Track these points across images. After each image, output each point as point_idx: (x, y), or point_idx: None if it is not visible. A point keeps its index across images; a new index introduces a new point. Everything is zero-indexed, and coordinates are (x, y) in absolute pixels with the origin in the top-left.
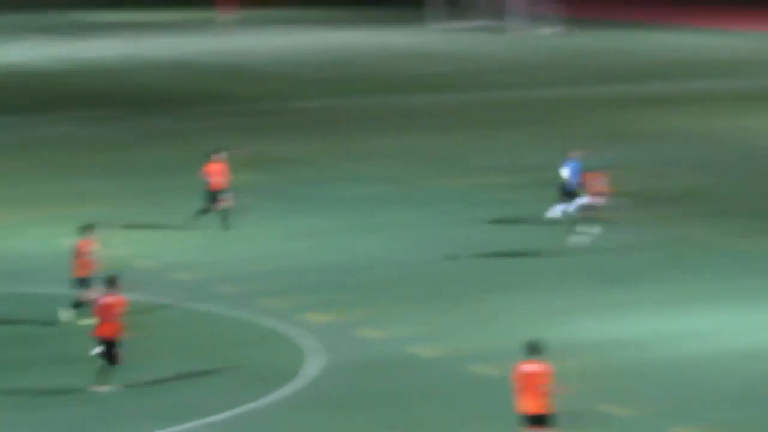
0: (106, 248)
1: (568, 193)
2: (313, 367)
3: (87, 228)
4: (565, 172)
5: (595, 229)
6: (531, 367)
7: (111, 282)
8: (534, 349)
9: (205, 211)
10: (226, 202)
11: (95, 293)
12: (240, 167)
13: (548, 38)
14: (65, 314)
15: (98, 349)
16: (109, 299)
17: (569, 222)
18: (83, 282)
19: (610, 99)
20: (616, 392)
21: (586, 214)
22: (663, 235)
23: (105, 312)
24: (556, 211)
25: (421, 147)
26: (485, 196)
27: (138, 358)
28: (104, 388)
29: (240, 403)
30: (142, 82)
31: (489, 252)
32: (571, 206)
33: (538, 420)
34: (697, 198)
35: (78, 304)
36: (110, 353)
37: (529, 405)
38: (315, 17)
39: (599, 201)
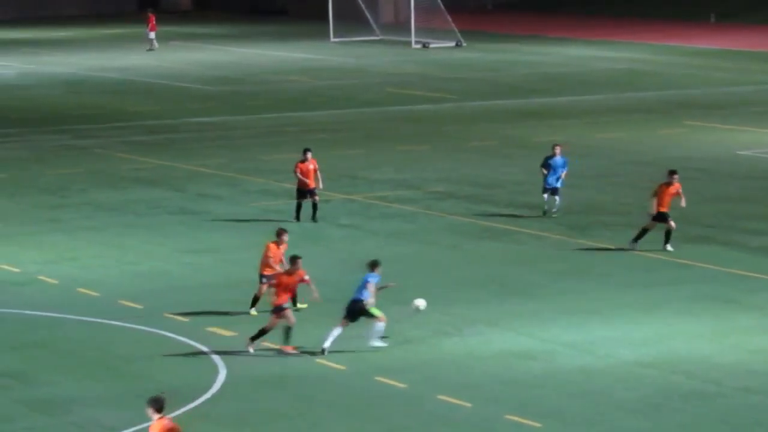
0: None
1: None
2: (218, 382)
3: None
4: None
5: None
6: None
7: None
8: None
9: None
10: (315, 198)
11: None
12: (138, 182)
13: (446, 52)
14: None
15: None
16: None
17: None
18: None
19: (504, 112)
20: (522, 403)
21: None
22: (565, 245)
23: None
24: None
25: (319, 162)
26: (384, 209)
27: (42, 374)
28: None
29: (142, 420)
30: (39, 99)
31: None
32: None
33: None
34: (598, 210)
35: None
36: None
37: None
38: (209, 33)
39: None
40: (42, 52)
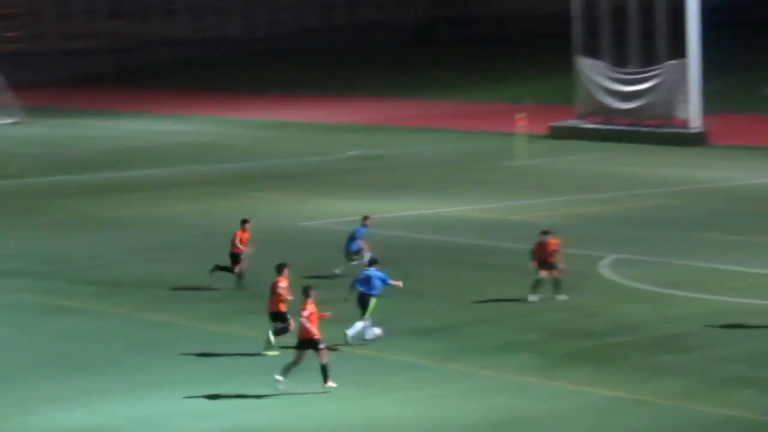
0: None
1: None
2: None
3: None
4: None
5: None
6: None
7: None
8: None
9: (224, 269)
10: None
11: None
12: None
13: (5, 128)
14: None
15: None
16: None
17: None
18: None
19: (72, 187)
20: None
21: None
22: (131, 319)
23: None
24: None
25: None
26: None
27: None
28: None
29: None
30: None
31: None
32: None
33: None
34: (163, 283)
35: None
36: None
37: None
38: None
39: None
40: None
